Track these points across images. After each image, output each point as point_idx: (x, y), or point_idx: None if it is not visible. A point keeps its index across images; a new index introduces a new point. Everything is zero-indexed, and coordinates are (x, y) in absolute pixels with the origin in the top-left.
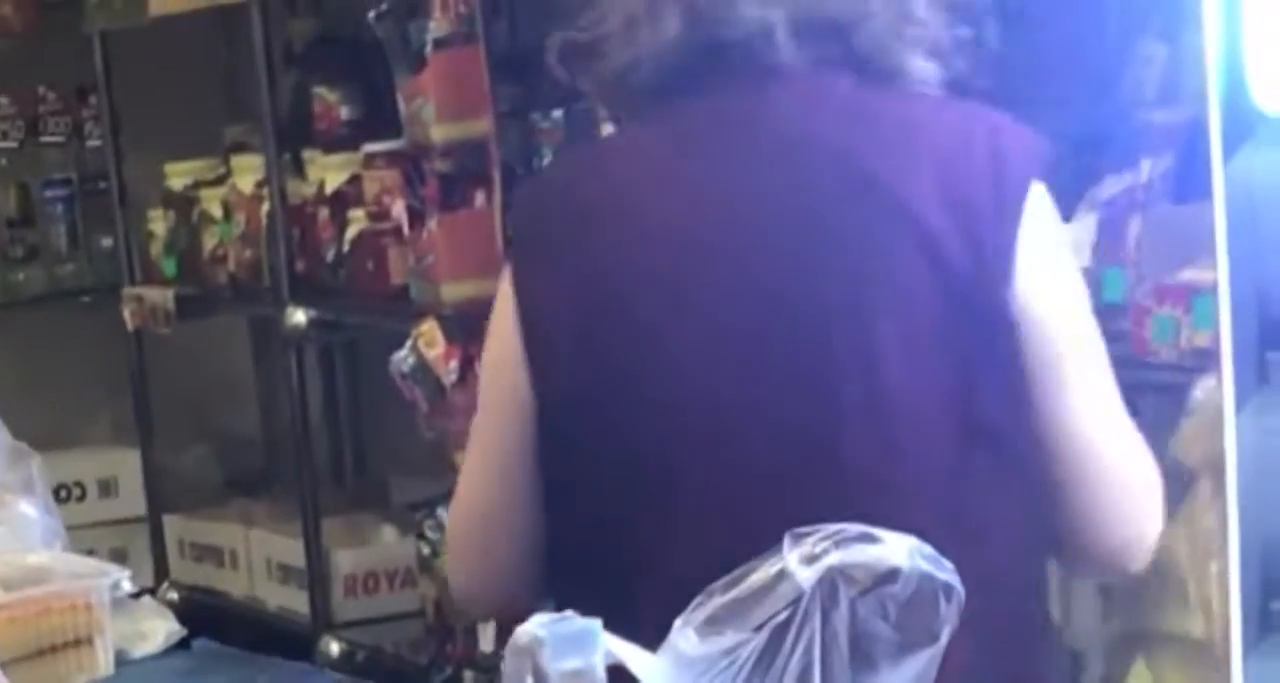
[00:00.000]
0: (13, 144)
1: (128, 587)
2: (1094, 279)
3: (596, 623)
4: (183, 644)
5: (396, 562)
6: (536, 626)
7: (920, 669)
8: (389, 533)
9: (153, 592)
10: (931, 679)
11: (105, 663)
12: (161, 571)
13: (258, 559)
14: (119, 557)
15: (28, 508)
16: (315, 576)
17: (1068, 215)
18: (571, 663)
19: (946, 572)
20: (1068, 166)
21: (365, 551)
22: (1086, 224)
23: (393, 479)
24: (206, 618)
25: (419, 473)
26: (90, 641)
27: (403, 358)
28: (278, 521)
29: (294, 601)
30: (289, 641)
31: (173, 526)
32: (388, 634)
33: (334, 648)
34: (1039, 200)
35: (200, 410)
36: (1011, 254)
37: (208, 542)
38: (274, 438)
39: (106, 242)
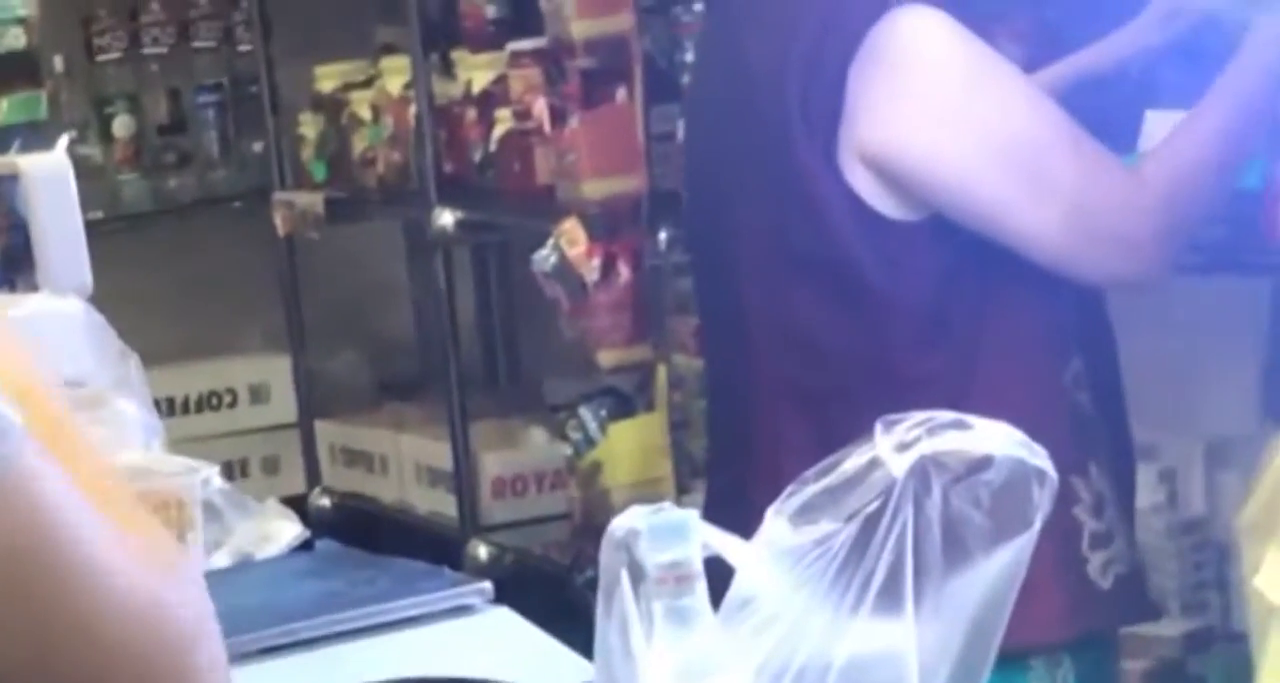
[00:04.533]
0: (163, 50)
1: (218, 484)
2: None
3: (693, 513)
4: (306, 546)
5: (545, 464)
6: (633, 518)
7: (1014, 557)
8: (538, 435)
9: (304, 498)
10: (1025, 567)
11: (198, 559)
12: (313, 476)
13: (408, 464)
14: (270, 464)
15: (126, 406)
16: (463, 479)
17: None
18: (668, 555)
19: (1039, 457)
20: None
21: (513, 453)
22: None
23: (546, 382)
24: (357, 524)
25: (573, 375)
26: (183, 538)
27: (544, 257)
28: (430, 425)
29: (443, 504)
30: (438, 545)
31: (325, 431)
32: (536, 537)
33: (482, 552)
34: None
35: (352, 316)
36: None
37: (359, 447)
38: (427, 342)
39: (257, 147)
